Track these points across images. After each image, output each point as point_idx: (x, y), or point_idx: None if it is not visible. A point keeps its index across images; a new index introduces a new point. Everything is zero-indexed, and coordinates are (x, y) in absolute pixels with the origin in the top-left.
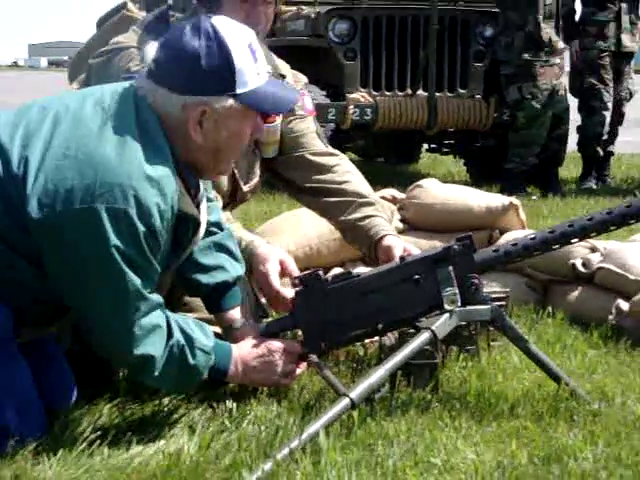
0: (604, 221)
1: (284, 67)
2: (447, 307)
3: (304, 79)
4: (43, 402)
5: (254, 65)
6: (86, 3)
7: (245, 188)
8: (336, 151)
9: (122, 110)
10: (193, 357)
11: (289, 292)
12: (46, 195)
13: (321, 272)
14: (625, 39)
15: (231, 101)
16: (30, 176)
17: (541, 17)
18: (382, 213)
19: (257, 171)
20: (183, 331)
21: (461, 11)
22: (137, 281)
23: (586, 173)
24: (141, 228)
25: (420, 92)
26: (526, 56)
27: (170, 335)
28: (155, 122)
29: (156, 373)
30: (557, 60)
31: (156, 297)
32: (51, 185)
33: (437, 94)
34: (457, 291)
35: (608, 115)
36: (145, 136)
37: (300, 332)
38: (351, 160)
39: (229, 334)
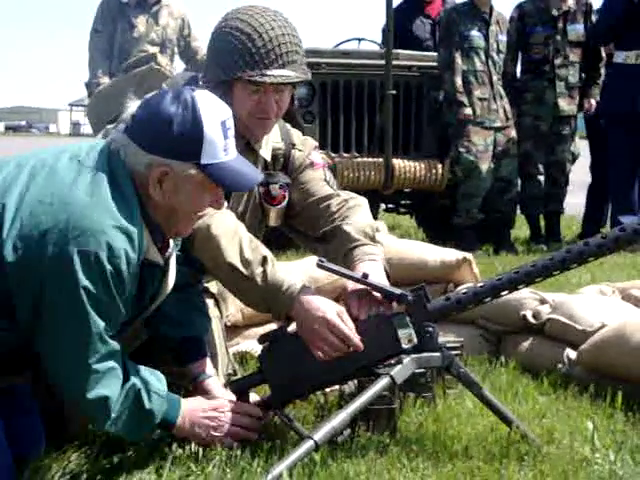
0: (546, 266)
1: (295, 134)
2: (404, 346)
3: (314, 143)
4: (12, 450)
5: (223, 141)
6: (43, 69)
7: None
8: (343, 192)
9: (96, 163)
10: (149, 400)
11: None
12: (21, 239)
13: (287, 328)
14: (562, 103)
15: (193, 169)
16: (6, 222)
17: None
18: (373, 251)
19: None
20: (139, 375)
21: (415, 76)
22: (101, 324)
23: (534, 234)
24: (109, 269)
25: (377, 153)
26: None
27: (127, 378)
28: (126, 176)
29: (113, 415)
30: (497, 123)
31: (115, 343)
32: (26, 229)
33: (393, 155)
34: (413, 331)
35: (542, 178)
36: (116, 188)
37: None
38: None
39: (194, 387)
